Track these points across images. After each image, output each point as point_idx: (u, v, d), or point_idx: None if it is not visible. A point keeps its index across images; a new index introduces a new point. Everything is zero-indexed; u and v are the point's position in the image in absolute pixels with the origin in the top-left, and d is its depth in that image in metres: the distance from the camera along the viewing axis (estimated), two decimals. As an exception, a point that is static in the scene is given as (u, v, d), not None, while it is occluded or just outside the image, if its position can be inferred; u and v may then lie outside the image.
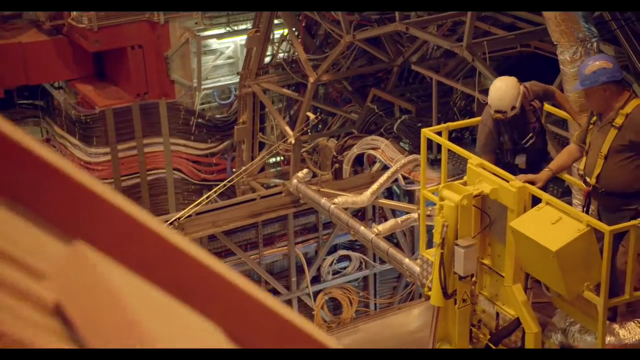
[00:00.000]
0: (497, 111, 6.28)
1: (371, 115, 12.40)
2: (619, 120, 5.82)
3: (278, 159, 14.86)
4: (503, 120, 6.32)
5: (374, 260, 11.79)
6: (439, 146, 10.88)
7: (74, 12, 14.12)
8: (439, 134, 7.07)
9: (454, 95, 11.28)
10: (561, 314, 6.35)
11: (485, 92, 8.78)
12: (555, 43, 6.96)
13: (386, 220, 11.26)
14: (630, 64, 7.13)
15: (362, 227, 9.68)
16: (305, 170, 10.97)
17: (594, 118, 6.03)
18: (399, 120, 11.66)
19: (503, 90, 6.29)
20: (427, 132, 7.08)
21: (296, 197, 10.94)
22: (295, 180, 10.74)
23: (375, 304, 12.23)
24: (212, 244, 10.70)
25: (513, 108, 6.25)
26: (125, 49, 14.57)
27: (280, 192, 11.07)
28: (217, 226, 10.48)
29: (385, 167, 11.40)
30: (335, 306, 11.99)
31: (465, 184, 6.47)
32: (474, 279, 6.42)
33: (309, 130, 14.49)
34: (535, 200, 6.05)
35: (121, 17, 14.21)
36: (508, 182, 6.11)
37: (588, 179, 6.06)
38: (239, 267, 11.05)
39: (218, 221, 10.51)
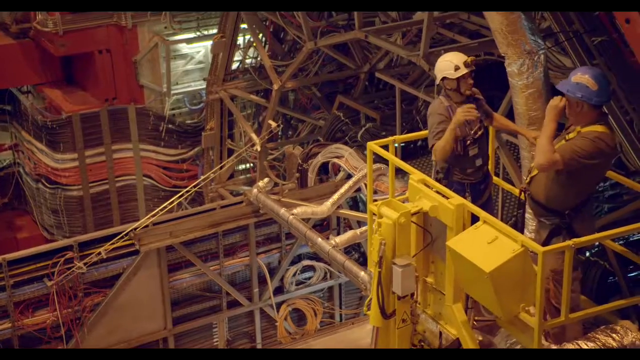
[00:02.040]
0: (468, 64, 6.23)
1: (337, 122, 12.20)
2: (571, 135, 5.72)
3: (247, 165, 14.67)
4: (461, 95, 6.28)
5: (339, 271, 11.60)
6: (403, 154, 10.78)
7: (40, 16, 13.91)
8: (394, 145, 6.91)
9: (418, 103, 11.10)
10: (503, 333, 6.18)
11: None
12: (503, 55, 6.78)
13: (353, 230, 11.06)
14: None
15: (320, 239, 9.48)
16: (266, 180, 10.77)
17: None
18: (363, 129, 11.48)
19: (455, 52, 6.39)
20: (373, 146, 6.90)
21: (257, 207, 10.74)
22: (255, 190, 10.55)
23: (340, 315, 12.04)
24: (170, 255, 10.49)
25: (473, 62, 6.24)
26: (93, 54, 14.38)
27: (241, 202, 10.86)
28: (175, 237, 10.26)
29: (349, 176, 11.21)
30: (299, 317, 11.78)
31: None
32: (414, 298, 6.25)
33: (279, 137, 14.31)
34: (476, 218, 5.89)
35: (87, 21, 14.01)
36: (447, 199, 5.96)
37: (526, 178, 6.05)
38: (199, 278, 10.85)
39: (176, 231, 10.29)
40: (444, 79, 6.39)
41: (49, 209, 14.99)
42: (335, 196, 10.39)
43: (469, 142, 6.37)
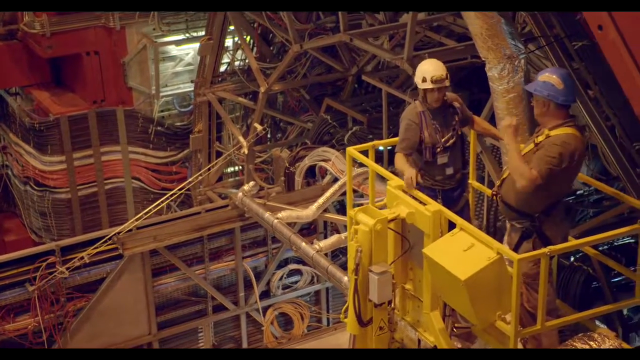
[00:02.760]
0: (435, 81, 6.16)
1: (325, 125, 12.13)
2: (540, 139, 5.69)
3: (236, 168, 14.60)
4: (430, 109, 6.23)
5: (323, 275, 11.53)
6: (391, 157, 10.71)
7: (27, 17, 13.83)
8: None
9: (405, 106, 11.02)
10: (480, 342, 6.11)
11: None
12: (483, 59, 6.73)
13: (339, 234, 11.00)
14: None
15: (304, 244, 9.41)
16: (251, 183, 10.69)
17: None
18: (350, 132, 11.42)
19: (435, 61, 6.37)
20: (352, 152, 6.84)
21: (243, 210, 10.67)
22: (240, 194, 10.48)
23: (328, 319, 11.97)
24: (155, 259, 10.41)
25: (447, 77, 6.18)
26: (81, 55, 14.30)
27: (227, 205, 10.79)
28: (159, 241, 10.19)
29: (336, 180, 11.14)
30: (286, 321, 11.71)
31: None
32: (391, 305, 6.19)
33: (268, 140, 14.24)
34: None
35: (75, 23, 13.93)
36: (425, 205, 5.90)
37: (497, 181, 6.05)
38: (184, 282, 10.77)
39: (160, 235, 10.21)
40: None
41: (37, 212, 14.92)
42: (321, 200, 10.32)
43: (438, 149, 6.30)
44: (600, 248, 8.29)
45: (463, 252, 5.49)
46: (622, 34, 4.28)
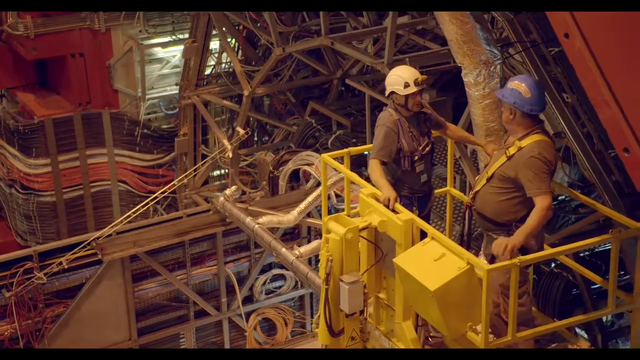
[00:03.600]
0: (419, 83, 6.13)
1: (309, 129, 12.07)
2: (512, 150, 5.65)
3: (222, 172, 14.51)
4: (406, 116, 6.19)
5: (302, 282, 11.44)
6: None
7: (10, 19, 13.73)
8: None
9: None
10: (454, 353, 6.02)
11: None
12: (459, 65, 6.65)
13: (317, 240, 10.91)
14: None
15: (284, 249, 9.31)
16: (233, 188, 10.60)
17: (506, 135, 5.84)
18: (333, 136, 11.34)
19: (407, 66, 6.31)
20: (326, 158, 6.75)
21: (225, 215, 10.58)
22: (222, 198, 10.38)
23: (312, 324, 11.88)
24: (135, 264, 10.31)
25: (424, 81, 6.15)
26: (66, 57, 14.20)
27: (209, 210, 10.70)
28: (140, 246, 10.09)
29: (319, 184, 11.06)
30: (269, 327, 11.61)
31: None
32: (363, 315, 6.10)
33: (254, 143, 14.15)
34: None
35: (59, 25, 13.83)
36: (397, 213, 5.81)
37: (470, 193, 6.00)
38: (165, 287, 10.68)
39: (140, 241, 10.12)
40: (392, 93, 6.25)
41: (22, 215, 14.81)
42: (303, 205, 10.22)
43: (416, 157, 6.23)
44: (582, 254, 8.23)
45: (434, 261, 5.40)
46: (587, 43, 4.20)
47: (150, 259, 10.32)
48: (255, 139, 14.33)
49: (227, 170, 14.19)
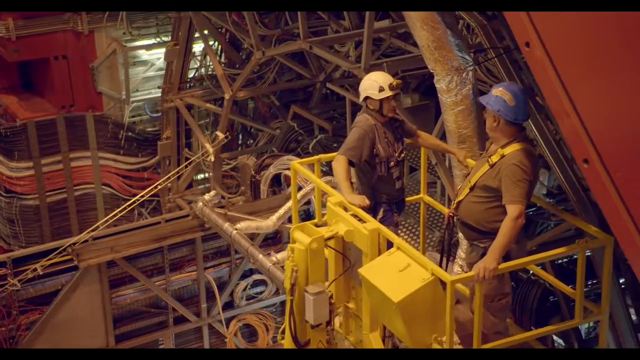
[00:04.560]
0: (394, 87, 6.07)
1: (291, 133, 11.97)
2: (494, 159, 5.57)
3: (207, 175, 14.39)
4: (384, 120, 6.11)
5: (279, 289, 11.36)
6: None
7: (-8, 21, 13.62)
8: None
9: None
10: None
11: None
12: (432, 71, 6.54)
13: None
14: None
15: (261, 255, 9.22)
16: (212, 192, 10.52)
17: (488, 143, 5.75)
18: (314, 140, 11.24)
19: (380, 72, 6.24)
20: (296, 165, 6.66)
21: (204, 220, 10.48)
22: (200, 203, 10.29)
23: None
24: (112, 270, 10.21)
25: (399, 85, 6.11)
26: (49, 60, 14.08)
27: (187, 215, 10.60)
28: (117, 252, 9.99)
29: (300, 189, 10.96)
30: (250, 333, 11.52)
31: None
32: (330, 326, 5.99)
33: (239, 146, 14.04)
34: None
35: (42, 27, 13.71)
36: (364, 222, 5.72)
37: (453, 203, 5.90)
38: (143, 293, 10.58)
39: (118, 246, 10.02)
40: (367, 98, 6.17)
41: (5, 219, 14.69)
42: (282, 210, 10.14)
43: (392, 163, 6.15)
44: (559, 262, 8.14)
45: (398, 272, 5.30)
46: (548, 52, 4.10)
47: (128, 264, 10.22)
48: (240, 142, 14.22)
49: (210, 174, 14.09)
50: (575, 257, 8.27)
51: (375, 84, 6.12)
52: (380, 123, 6.16)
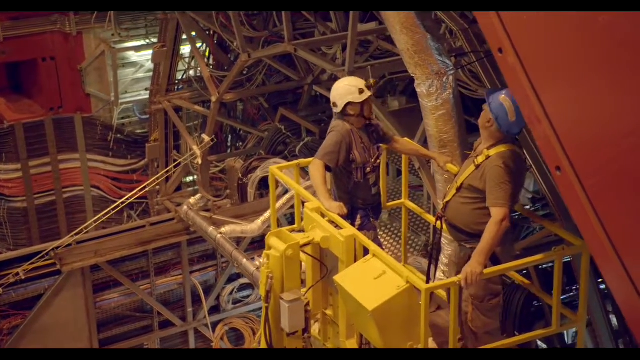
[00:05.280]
0: (372, 86, 6.06)
1: (279, 135, 11.89)
2: (480, 159, 5.53)
3: (195, 178, 14.31)
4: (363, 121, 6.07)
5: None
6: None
7: (-22, 22, 13.55)
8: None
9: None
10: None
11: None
12: (412, 75, 6.47)
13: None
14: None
15: (245, 260, 9.15)
16: (198, 196, 10.45)
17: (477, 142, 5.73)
18: (301, 143, 11.16)
19: (351, 77, 6.30)
20: (275, 171, 6.59)
21: (189, 224, 10.41)
22: (185, 207, 10.21)
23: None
24: (97, 274, 10.13)
25: (375, 84, 6.13)
26: (37, 61, 14.01)
27: (173, 219, 10.52)
28: (101, 255, 9.91)
29: (287, 192, 10.88)
30: (237, 337, 11.45)
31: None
32: (307, 334, 5.92)
33: (228, 149, 13.95)
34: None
35: (29, 28, 13.64)
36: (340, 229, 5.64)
37: (441, 203, 5.87)
38: (128, 297, 10.50)
39: (102, 250, 9.94)
40: (348, 104, 6.08)
41: (-8, 221, 14.62)
42: (267, 214, 10.06)
43: (368, 169, 6.09)
44: (543, 266, 8.07)
45: (374, 280, 5.23)
46: (520, 59, 4.03)
47: (112, 268, 10.14)
48: (229, 144, 14.14)
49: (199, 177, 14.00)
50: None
51: (353, 88, 6.06)
52: (357, 128, 6.11)
